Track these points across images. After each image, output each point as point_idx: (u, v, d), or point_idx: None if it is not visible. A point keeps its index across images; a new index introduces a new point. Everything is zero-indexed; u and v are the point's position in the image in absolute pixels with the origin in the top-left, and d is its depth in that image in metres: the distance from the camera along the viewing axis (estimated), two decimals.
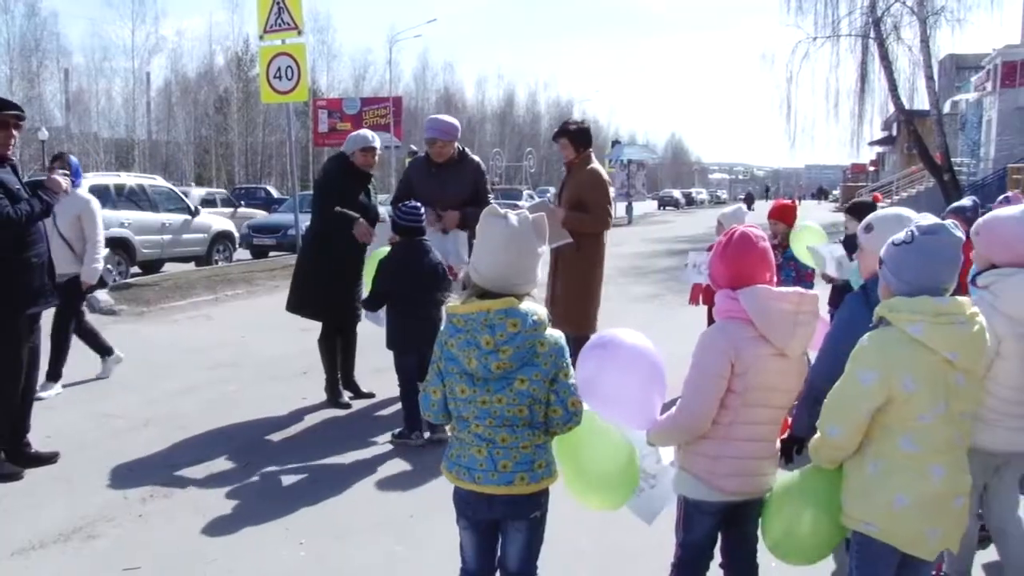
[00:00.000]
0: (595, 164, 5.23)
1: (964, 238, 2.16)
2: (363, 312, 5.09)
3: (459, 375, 2.17)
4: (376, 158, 5.32)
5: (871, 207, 5.12)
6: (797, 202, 6.71)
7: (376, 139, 5.32)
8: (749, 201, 42.07)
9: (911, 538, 2.10)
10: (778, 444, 2.39)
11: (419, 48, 73.21)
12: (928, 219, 2.16)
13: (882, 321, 2.13)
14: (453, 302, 2.23)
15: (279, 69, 12.49)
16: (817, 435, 2.23)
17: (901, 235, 2.13)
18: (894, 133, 37.31)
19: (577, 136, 5.18)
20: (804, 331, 2.23)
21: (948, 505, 2.11)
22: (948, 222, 2.13)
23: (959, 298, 2.11)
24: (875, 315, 2.15)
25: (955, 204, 4.91)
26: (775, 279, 2.31)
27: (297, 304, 5.33)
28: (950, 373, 2.07)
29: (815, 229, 5.34)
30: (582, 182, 5.18)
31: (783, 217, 5.58)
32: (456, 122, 5.38)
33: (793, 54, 25.08)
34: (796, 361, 2.29)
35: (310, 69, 47.92)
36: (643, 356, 2.34)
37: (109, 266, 10.14)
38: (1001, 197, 4.90)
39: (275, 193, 35.96)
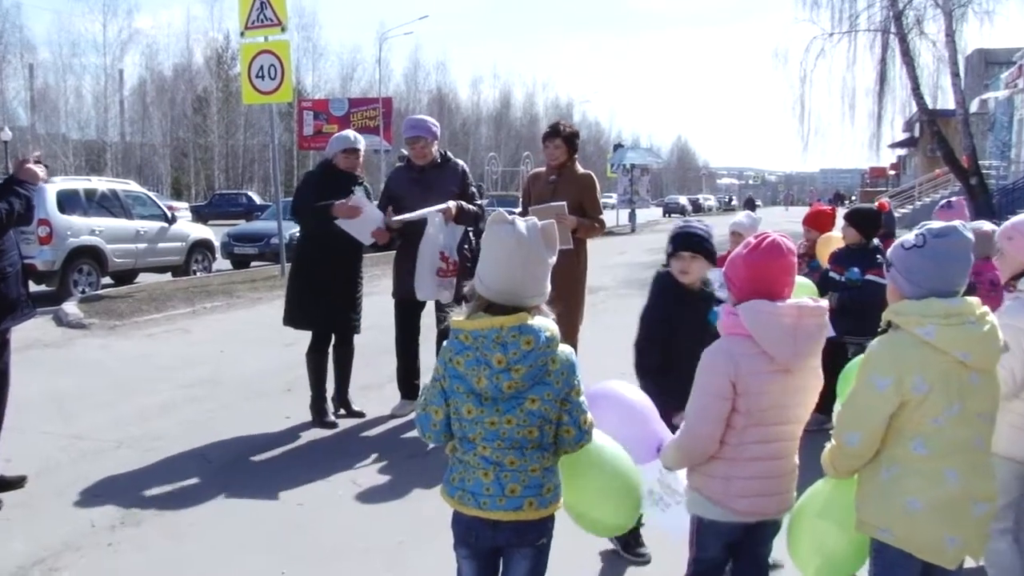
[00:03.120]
0: (581, 168, 5.43)
1: (973, 240, 2.23)
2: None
3: (466, 394, 2.16)
4: (361, 159, 5.36)
5: (874, 215, 5.05)
6: (835, 208, 6.64)
7: (360, 140, 5.36)
8: (750, 205, 42.33)
9: (928, 544, 2.16)
10: (796, 460, 2.41)
11: (410, 46, 73.82)
12: (939, 222, 2.27)
13: (891, 326, 2.20)
14: (457, 316, 2.21)
15: (262, 68, 12.49)
16: (830, 447, 2.31)
17: (912, 238, 2.22)
18: (916, 134, 37.48)
19: (572, 139, 5.32)
20: (808, 345, 2.27)
21: (966, 510, 2.16)
22: (957, 223, 2.21)
23: (968, 298, 2.19)
24: (883, 319, 2.22)
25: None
26: (792, 293, 2.34)
27: (294, 316, 5.33)
28: (964, 373, 2.14)
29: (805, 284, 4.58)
30: (583, 186, 5.28)
31: (818, 224, 5.52)
32: (436, 121, 5.49)
33: (807, 51, 25.04)
34: (806, 376, 2.32)
35: (294, 68, 48.06)
36: (632, 406, 2.53)
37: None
38: (944, 202, 4.89)
39: (257, 199, 36.13)
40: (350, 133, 5.39)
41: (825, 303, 2.36)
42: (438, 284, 5.16)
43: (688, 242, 3.12)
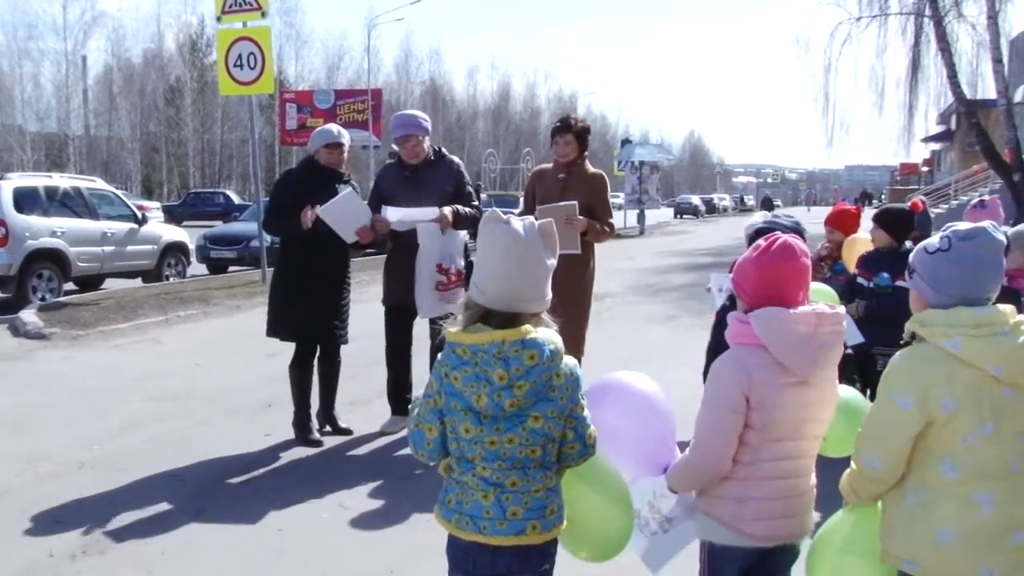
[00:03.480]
0: (591, 167, 5.48)
1: (1005, 242, 2.22)
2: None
3: (464, 412, 2.17)
4: (345, 154, 5.36)
5: (905, 216, 5.02)
6: (861, 208, 6.65)
7: (344, 134, 5.36)
8: (767, 205, 42.23)
9: None
10: (813, 479, 2.41)
11: (401, 33, 73.72)
12: (965, 223, 2.23)
13: (914, 337, 2.18)
14: (452, 327, 2.21)
15: (240, 56, 12.51)
16: (850, 471, 2.28)
17: (936, 241, 2.20)
18: (952, 127, 37.35)
19: (583, 135, 5.35)
20: (826, 355, 2.28)
21: (1004, 540, 2.11)
22: (986, 223, 2.19)
23: (1001, 307, 2.15)
24: (906, 331, 2.20)
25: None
26: (807, 300, 2.33)
27: (276, 326, 5.34)
28: (996, 389, 2.10)
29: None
30: (593, 186, 5.33)
31: (842, 225, 5.50)
32: (427, 116, 5.50)
33: (832, 37, 24.88)
34: (823, 388, 2.33)
35: (276, 57, 48.38)
36: (647, 400, 2.50)
37: None
38: (976, 201, 4.82)
39: (235, 199, 36.22)
40: (333, 127, 5.41)
41: (842, 309, 2.37)
42: (440, 299, 5.14)
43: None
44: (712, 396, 2.31)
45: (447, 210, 5.20)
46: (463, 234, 5.32)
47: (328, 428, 5.48)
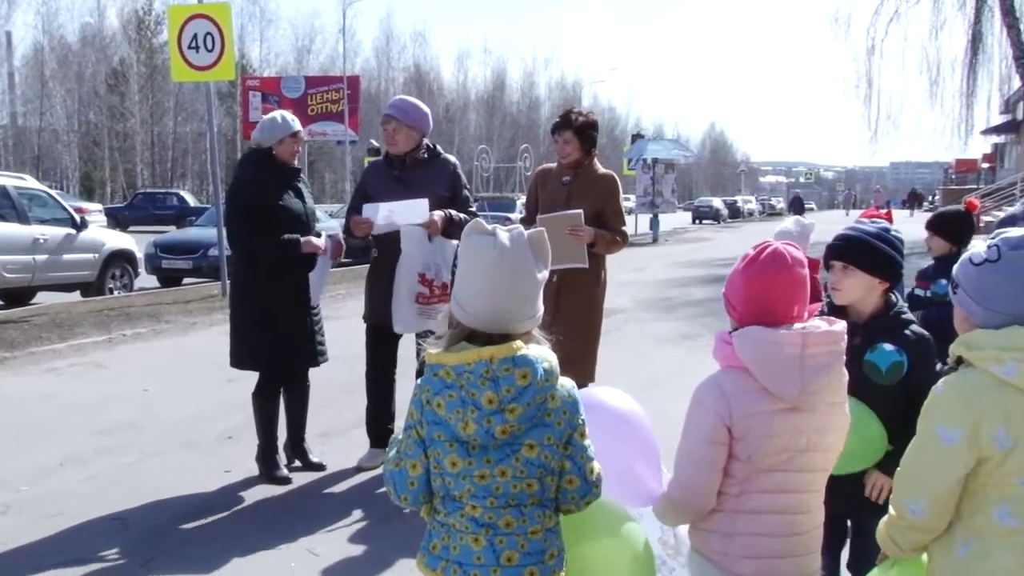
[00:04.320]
0: (601, 168, 5.53)
1: None
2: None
3: (448, 443, 2.17)
4: (299, 147, 5.43)
5: (963, 217, 5.05)
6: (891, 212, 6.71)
7: (297, 122, 5.39)
8: (797, 207, 42.24)
9: None
10: (820, 518, 2.43)
11: (381, 12, 74.77)
12: (1017, 229, 2.21)
13: (960, 362, 2.16)
14: (432, 348, 2.22)
15: (195, 36, 12.58)
16: (888, 517, 2.26)
17: (982, 251, 2.18)
18: (1019, 117, 37.15)
19: (584, 131, 5.34)
20: (817, 380, 2.27)
21: None
22: None
23: None
24: (950, 354, 2.19)
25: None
26: (804, 315, 2.36)
27: (240, 355, 5.33)
28: None
29: None
30: (603, 190, 5.36)
31: None
32: (425, 108, 5.56)
33: (877, 15, 24.84)
34: (826, 415, 2.34)
35: (237, 38, 48.56)
36: (627, 421, 2.56)
37: None
38: None
39: (191, 200, 36.26)
40: (285, 113, 5.39)
41: (842, 325, 2.36)
42: (419, 313, 5.17)
43: (837, 248, 3.02)
44: (692, 427, 2.34)
45: (437, 215, 5.22)
46: (454, 243, 5.28)
47: (297, 463, 5.47)
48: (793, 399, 2.27)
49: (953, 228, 4.93)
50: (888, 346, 2.93)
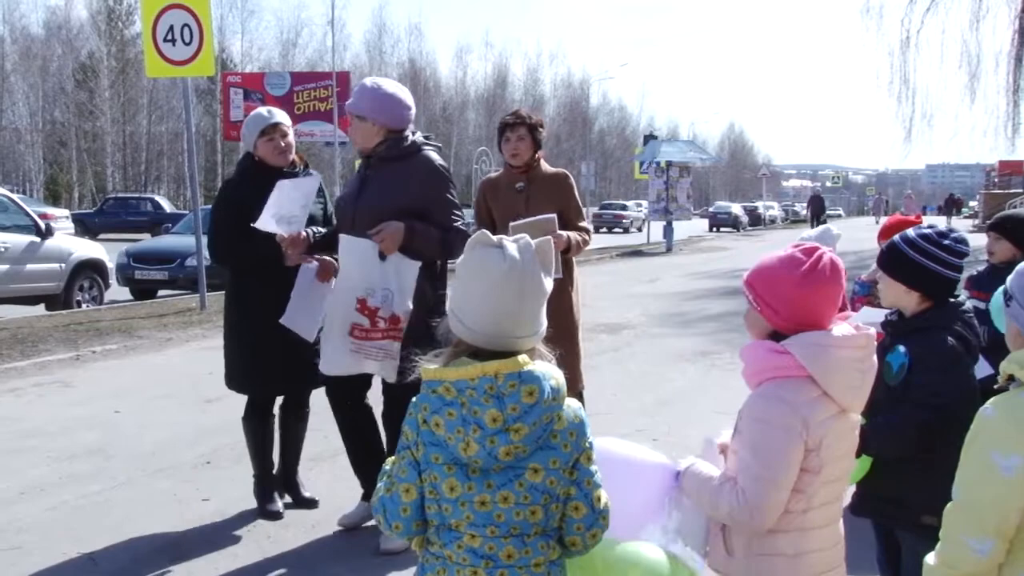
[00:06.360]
0: (550, 166, 5.70)
1: None
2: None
3: (447, 466, 2.17)
4: (291, 141, 5.11)
5: None
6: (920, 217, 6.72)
7: (281, 114, 5.17)
8: (817, 207, 42.20)
9: None
10: (841, 530, 2.54)
11: (373, 3, 74.78)
12: None
13: (1012, 381, 2.17)
14: (430, 364, 2.22)
15: (171, 29, 12.61)
16: (944, 556, 2.23)
17: None
18: None
19: (536, 130, 5.47)
20: (871, 380, 2.46)
21: None
22: None
23: None
24: (1002, 373, 2.20)
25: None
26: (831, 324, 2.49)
27: (240, 379, 5.19)
28: None
29: None
30: (559, 188, 5.52)
31: None
32: (390, 91, 4.77)
33: (912, 5, 24.70)
34: (854, 417, 2.50)
35: (217, 30, 48.64)
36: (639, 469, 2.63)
37: None
38: None
39: (167, 206, 36.32)
40: (262, 108, 5.31)
41: (873, 330, 2.50)
42: (352, 350, 4.53)
43: (879, 254, 3.28)
44: (764, 447, 2.36)
45: (389, 227, 4.52)
46: (415, 264, 4.56)
47: (287, 498, 5.37)
48: (850, 403, 2.41)
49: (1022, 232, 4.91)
50: (902, 348, 3.09)
